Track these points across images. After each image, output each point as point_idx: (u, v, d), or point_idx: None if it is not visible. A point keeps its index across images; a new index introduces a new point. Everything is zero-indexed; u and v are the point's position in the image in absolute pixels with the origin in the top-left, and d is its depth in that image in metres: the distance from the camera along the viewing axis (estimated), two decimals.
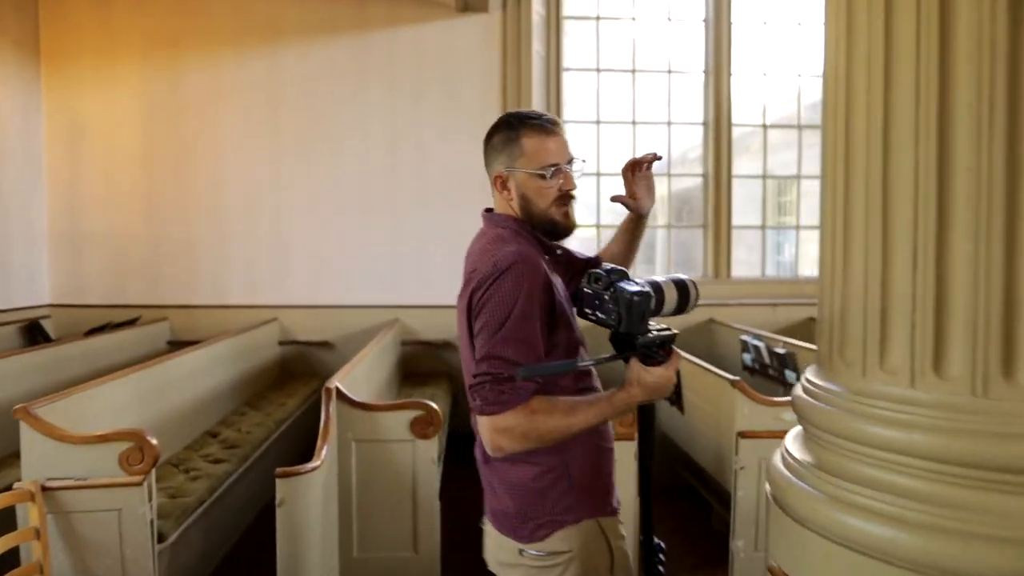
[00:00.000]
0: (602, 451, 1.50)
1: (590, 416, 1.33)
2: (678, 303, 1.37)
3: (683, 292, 1.38)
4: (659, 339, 1.30)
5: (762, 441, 3.09)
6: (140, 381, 3.47)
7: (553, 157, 1.45)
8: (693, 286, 1.39)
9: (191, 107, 5.55)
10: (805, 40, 6.28)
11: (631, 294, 1.27)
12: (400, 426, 2.99)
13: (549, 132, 1.45)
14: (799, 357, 4.41)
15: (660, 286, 1.35)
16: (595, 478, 1.47)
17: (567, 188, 1.47)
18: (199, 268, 5.63)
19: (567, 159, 1.47)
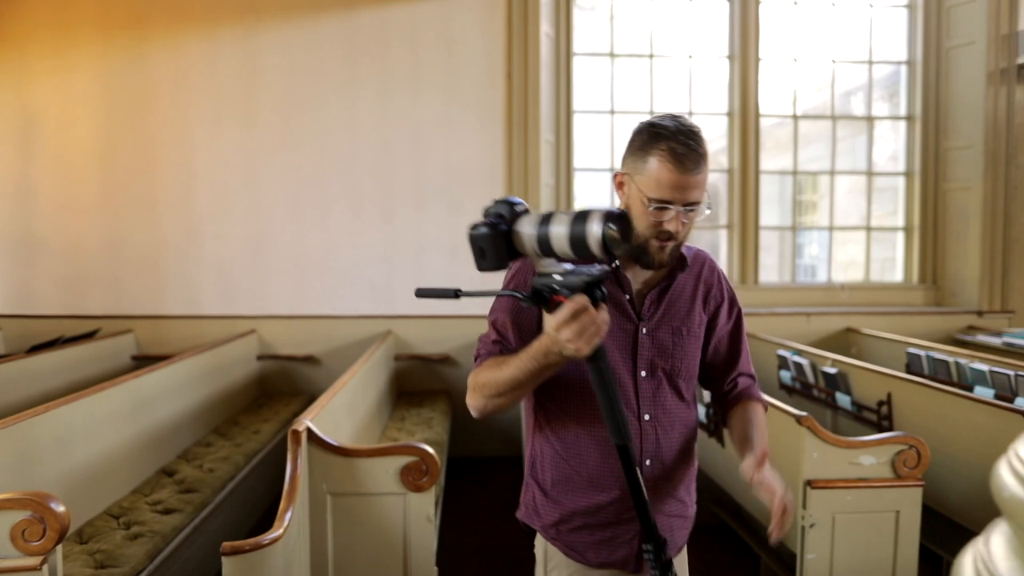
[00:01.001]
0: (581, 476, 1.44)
1: (514, 365, 1.27)
2: (572, 238, 1.06)
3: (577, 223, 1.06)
4: (545, 282, 1.13)
5: (836, 492, 2.51)
6: (84, 409, 2.89)
7: (666, 194, 1.30)
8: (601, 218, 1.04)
9: (156, 94, 4.95)
10: (840, 22, 5.70)
11: (470, 229, 1.15)
12: (387, 476, 2.39)
13: (680, 166, 1.29)
14: (852, 377, 3.82)
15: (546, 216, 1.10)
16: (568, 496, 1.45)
17: (669, 228, 1.33)
18: (167, 274, 5.03)
19: (685, 202, 1.31)
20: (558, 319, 1.11)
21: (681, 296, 1.47)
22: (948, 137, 5.59)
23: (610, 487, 1.41)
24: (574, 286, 1.10)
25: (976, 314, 5.40)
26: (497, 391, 1.31)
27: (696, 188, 1.30)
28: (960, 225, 5.55)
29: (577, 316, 1.10)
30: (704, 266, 1.51)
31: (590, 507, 1.42)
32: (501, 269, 1.17)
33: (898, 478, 2.52)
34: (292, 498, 2.13)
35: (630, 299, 1.43)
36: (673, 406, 1.46)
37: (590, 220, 1.04)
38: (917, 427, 3.23)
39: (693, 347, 1.48)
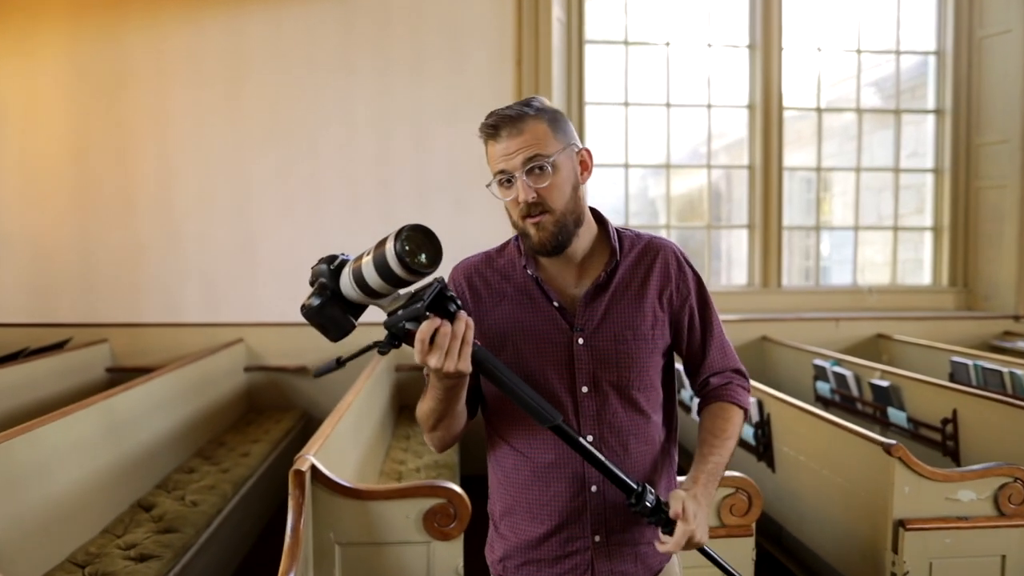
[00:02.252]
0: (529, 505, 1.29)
1: (428, 395, 1.19)
2: (377, 266, 1.00)
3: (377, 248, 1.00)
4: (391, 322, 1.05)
5: (933, 533, 2.15)
6: (46, 438, 2.49)
7: (500, 165, 1.21)
8: (395, 236, 0.99)
9: (133, 82, 4.51)
10: (866, 10, 5.38)
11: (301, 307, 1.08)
12: (408, 521, 2.00)
13: (496, 134, 1.21)
14: (907, 391, 3.48)
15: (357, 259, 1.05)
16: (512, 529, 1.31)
17: (520, 197, 1.20)
18: (145, 279, 4.60)
19: (520, 163, 1.18)
20: (417, 354, 1.04)
21: (626, 292, 1.28)
22: (981, 132, 5.29)
23: (548, 517, 1.27)
24: (416, 315, 1.03)
25: (1013, 319, 5.09)
26: (428, 425, 1.24)
27: (525, 147, 1.18)
28: (994, 225, 5.24)
29: (434, 340, 1.03)
30: (659, 256, 1.31)
31: (531, 540, 1.29)
32: (347, 334, 1.09)
33: (1002, 516, 2.17)
34: (295, 555, 1.74)
35: (559, 307, 1.26)
36: (625, 423, 1.27)
37: (387, 242, 0.98)
38: (992, 452, 2.88)
39: (644, 351, 1.28)
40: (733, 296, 5.24)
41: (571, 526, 1.27)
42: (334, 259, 1.09)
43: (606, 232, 1.31)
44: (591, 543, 1.26)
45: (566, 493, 1.26)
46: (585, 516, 1.26)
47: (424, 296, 1.03)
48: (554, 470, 1.26)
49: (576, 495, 1.26)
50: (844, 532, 2.48)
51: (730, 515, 2.08)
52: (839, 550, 2.51)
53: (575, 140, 1.25)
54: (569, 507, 1.26)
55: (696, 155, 5.46)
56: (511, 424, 1.29)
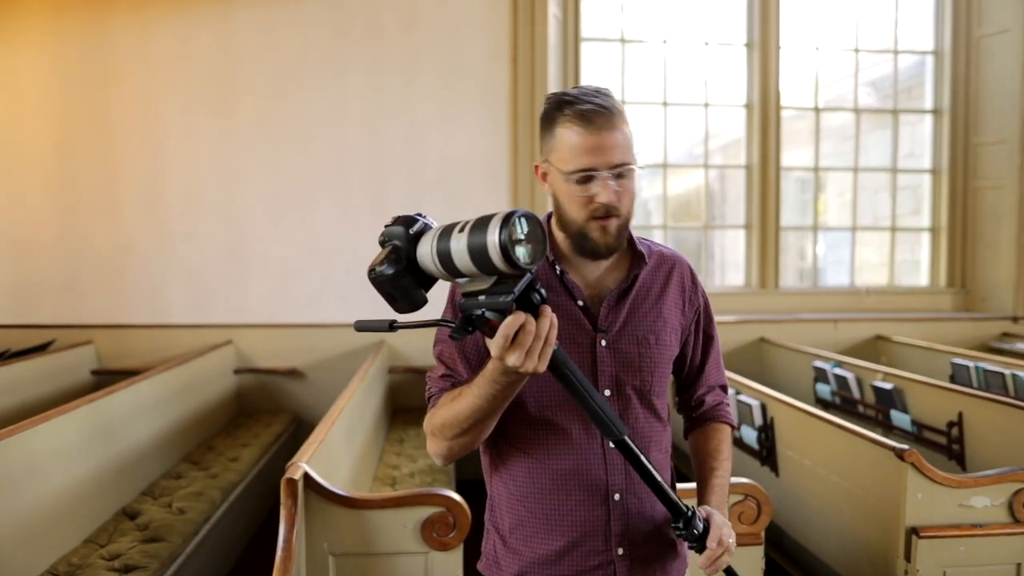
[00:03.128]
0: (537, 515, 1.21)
1: (471, 393, 1.08)
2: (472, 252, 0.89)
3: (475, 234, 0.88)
4: (471, 304, 0.94)
5: (947, 541, 2.08)
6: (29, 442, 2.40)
7: (586, 159, 1.12)
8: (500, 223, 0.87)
9: (119, 76, 4.40)
10: (864, 8, 5.34)
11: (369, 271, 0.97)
12: (405, 531, 1.92)
13: (590, 124, 1.11)
14: (910, 393, 3.42)
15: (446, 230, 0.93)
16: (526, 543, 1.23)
17: (601, 200, 1.13)
18: (131, 279, 4.49)
19: (609, 165, 1.12)
20: (496, 348, 0.95)
21: (646, 299, 1.26)
22: (979, 132, 5.26)
23: (570, 529, 1.20)
24: (502, 307, 0.93)
25: (1011, 320, 5.06)
26: (460, 428, 1.13)
27: (617, 147, 1.12)
28: (991, 226, 5.21)
29: (517, 337, 0.94)
30: (675, 267, 1.31)
31: (550, 555, 1.21)
32: (418, 308, 0.99)
33: (1017, 523, 2.11)
34: (288, 568, 1.66)
35: (583, 307, 1.22)
36: (646, 428, 1.24)
37: (489, 227, 0.88)
38: (998, 455, 2.83)
39: (664, 358, 1.26)
40: (730, 297, 5.18)
41: (593, 538, 1.20)
42: (412, 222, 0.99)
43: (629, 238, 1.27)
44: (614, 556, 1.20)
45: (588, 502, 1.20)
46: (608, 527, 1.20)
47: (514, 288, 0.92)
48: (574, 478, 1.20)
49: (599, 504, 1.20)
50: (852, 539, 2.41)
51: (739, 523, 2.01)
52: (847, 557, 2.44)
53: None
54: (591, 517, 1.20)
55: (691, 155, 5.40)
56: (528, 431, 1.21)
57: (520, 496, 1.24)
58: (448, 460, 1.21)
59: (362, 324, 1.02)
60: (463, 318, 0.96)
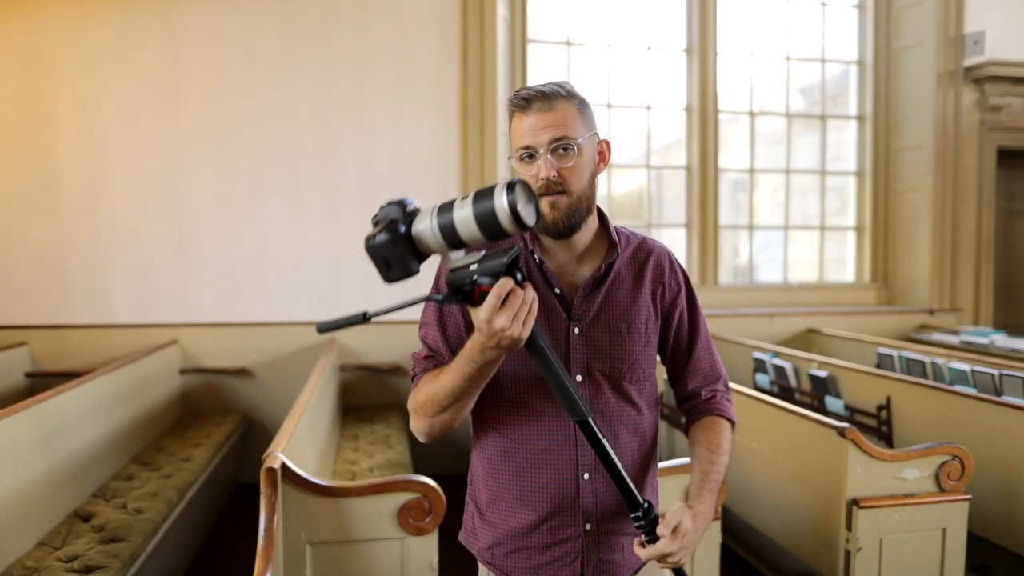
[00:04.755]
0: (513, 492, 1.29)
1: (450, 371, 1.16)
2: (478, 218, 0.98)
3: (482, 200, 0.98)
4: (462, 276, 1.03)
5: (883, 511, 2.27)
6: None
7: (526, 140, 1.21)
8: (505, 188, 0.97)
9: (55, 69, 4.25)
10: (794, 19, 5.64)
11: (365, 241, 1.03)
12: (382, 518, 1.97)
13: (527, 107, 1.22)
14: (843, 380, 3.66)
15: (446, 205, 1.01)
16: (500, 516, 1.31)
17: (540, 173, 1.20)
18: (70, 278, 4.34)
19: (547, 141, 1.20)
20: (487, 308, 1.01)
21: (620, 288, 1.30)
22: (898, 138, 5.62)
23: (541, 505, 1.27)
24: (495, 270, 1.01)
25: (928, 312, 5.43)
26: (440, 406, 1.19)
27: (552, 126, 1.19)
28: (910, 225, 5.58)
29: (507, 300, 1.01)
30: (652, 256, 1.34)
31: (521, 528, 1.28)
32: (409, 276, 1.04)
33: (943, 492, 2.32)
34: (270, 555, 1.68)
35: (559, 294, 1.27)
36: (617, 411, 1.28)
37: (495, 194, 0.97)
38: (921, 434, 3.07)
39: (638, 345, 1.30)
40: None
41: (563, 514, 1.27)
42: (406, 204, 1.05)
43: (605, 227, 1.32)
44: (582, 531, 1.27)
45: (559, 480, 1.26)
46: (577, 504, 1.27)
47: (505, 256, 1.01)
48: (547, 456, 1.26)
49: (569, 482, 1.26)
50: (798, 515, 2.59)
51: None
52: (793, 533, 2.62)
53: (597, 130, 1.28)
54: (561, 494, 1.26)
55: (632, 157, 5.57)
56: (503, 411, 1.28)
57: (495, 472, 1.30)
58: (430, 438, 1.26)
59: (327, 324, 1.07)
60: (453, 288, 1.04)
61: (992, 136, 5.48)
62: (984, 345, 4.62)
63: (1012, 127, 5.49)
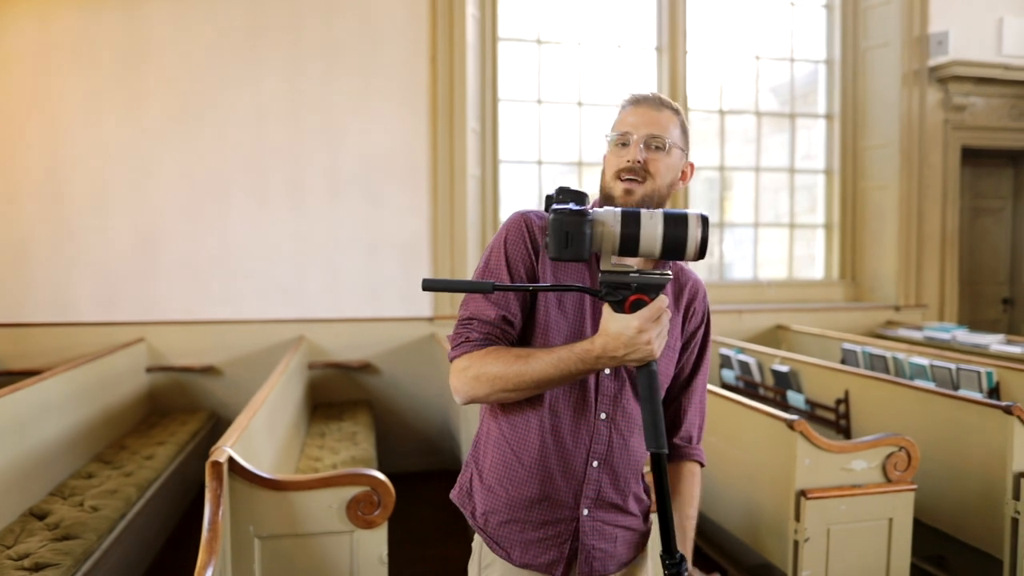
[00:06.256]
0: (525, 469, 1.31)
1: (548, 362, 1.17)
2: (666, 239, 1.07)
3: (676, 225, 1.07)
4: (621, 280, 1.09)
5: (830, 502, 2.30)
6: None
7: (626, 125, 1.29)
8: (700, 222, 1.08)
9: (14, 62, 4.20)
10: (764, 19, 5.69)
11: (555, 210, 1.07)
12: (331, 511, 1.97)
13: (638, 103, 1.30)
14: (804, 375, 3.71)
15: (633, 214, 1.08)
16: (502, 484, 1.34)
17: (629, 158, 1.26)
18: (32, 275, 4.29)
19: (648, 133, 1.27)
20: (643, 317, 1.08)
21: None
22: (865, 136, 5.69)
23: (546, 481, 1.30)
24: (655, 286, 1.09)
25: (894, 309, 5.51)
26: (515, 387, 1.20)
27: (657, 124, 1.27)
28: (877, 223, 5.66)
29: (659, 317, 1.09)
30: (691, 282, 1.40)
31: (523, 500, 1.32)
32: (579, 260, 1.08)
33: (889, 483, 2.36)
34: (214, 548, 1.68)
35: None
36: (635, 411, 1.32)
37: (690, 224, 1.06)
38: (879, 426, 3.11)
39: (665, 359, 1.34)
40: None
41: (564, 494, 1.31)
42: (585, 195, 1.11)
43: None
44: (578, 515, 1.31)
45: (571, 462, 1.30)
46: (580, 489, 1.30)
47: (668, 275, 1.09)
48: (564, 438, 1.29)
49: (579, 466, 1.30)
50: (751, 506, 2.62)
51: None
52: (747, 524, 2.65)
53: (688, 154, 1.36)
54: (568, 476, 1.30)
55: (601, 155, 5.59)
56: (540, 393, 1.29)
57: (512, 440, 1.32)
58: (473, 402, 1.27)
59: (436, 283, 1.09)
60: (612, 286, 1.09)
61: (956, 135, 5.57)
62: (946, 340, 4.70)
63: (975, 126, 5.58)
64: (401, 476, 4.40)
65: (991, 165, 6.01)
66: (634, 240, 1.06)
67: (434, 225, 4.68)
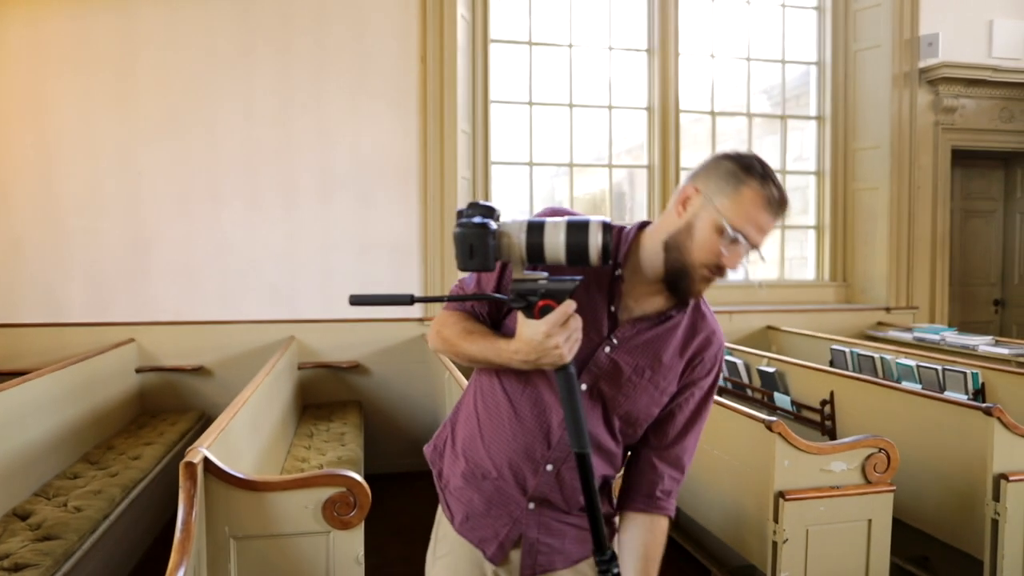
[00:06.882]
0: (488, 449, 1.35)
1: (479, 347, 1.24)
2: (569, 247, 1.09)
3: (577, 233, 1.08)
4: (530, 287, 1.11)
5: (809, 503, 2.31)
6: None
7: (749, 229, 1.20)
8: (601, 228, 1.08)
9: (7, 63, 4.21)
10: (755, 21, 5.70)
11: (458, 224, 1.10)
12: (307, 512, 1.97)
13: (772, 208, 1.21)
14: (791, 376, 3.71)
15: (538, 224, 1.11)
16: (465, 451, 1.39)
17: (727, 264, 1.22)
18: (24, 275, 4.30)
19: (759, 245, 1.23)
20: (550, 323, 1.10)
21: (667, 342, 1.30)
22: (856, 138, 5.70)
23: (502, 468, 1.33)
24: (562, 291, 1.11)
25: (885, 310, 5.51)
26: (456, 355, 1.30)
27: (768, 237, 1.24)
28: (869, 224, 5.66)
29: (567, 321, 1.10)
30: (707, 331, 1.34)
31: (475, 472, 1.36)
32: (486, 270, 1.11)
33: (868, 484, 2.36)
34: (186, 549, 1.69)
35: (612, 312, 1.28)
36: (597, 431, 1.31)
37: (591, 232, 1.07)
38: (863, 427, 3.12)
39: (647, 394, 1.31)
40: None
41: (513, 487, 1.33)
42: (494, 209, 1.12)
43: None
44: (524, 507, 1.33)
45: (527, 459, 1.31)
46: (530, 483, 1.32)
47: (571, 282, 1.11)
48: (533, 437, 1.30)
49: (535, 465, 1.31)
50: (732, 507, 2.63)
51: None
52: (729, 525, 2.66)
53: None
54: (522, 470, 1.32)
55: (602, 157, 5.61)
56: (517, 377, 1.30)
57: (483, 419, 1.35)
58: (435, 352, 1.39)
59: (362, 297, 1.10)
60: (518, 294, 1.12)
61: (947, 137, 5.57)
62: (936, 342, 4.70)
63: (966, 128, 5.59)
64: (391, 476, 4.44)
65: (982, 167, 6.02)
66: (539, 248, 1.09)
67: (424, 226, 4.69)
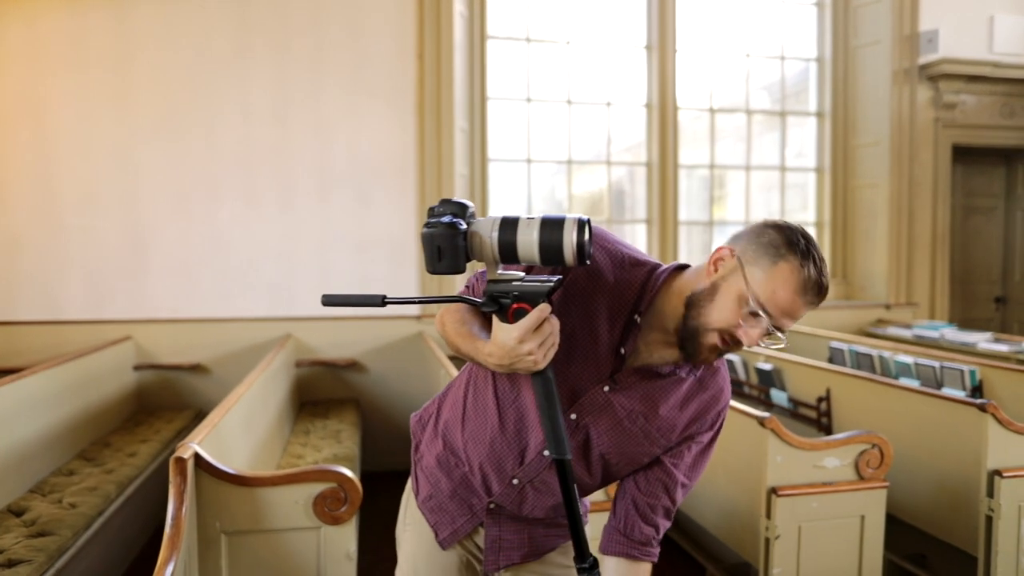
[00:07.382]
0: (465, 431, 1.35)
1: (465, 344, 1.20)
2: (543, 245, 1.03)
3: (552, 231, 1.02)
4: (503, 289, 1.06)
5: (801, 499, 2.30)
6: None
7: (775, 309, 1.13)
8: (576, 226, 1.02)
9: (5, 64, 4.22)
10: (754, 17, 5.68)
11: (426, 224, 1.04)
12: (297, 507, 1.98)
13: (803, 293, 1.13)
14: (788, 373, 3.71)
15: (511, 221, 1.05)
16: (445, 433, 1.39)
17: (743, 339, 1.15)
18: (22, 273, 4.31)
19: (782, 328, 1.15)
20: (522, 328, 1.04)
21: (668, 393, 1.26)
22: (856, 134, 5.68)
23: (472, 460, 1.33)
24: (536, 294, 1.05)
25: (884, 307, 5.50)
26: (450, 347, 1.27)
27: (794, 321, 1.17)
28: (868, 221, 5.65)
29: (541, 326, 1.05)
30: (711, 393, 1.30)
31: (449, 459, 1.37)
32: (456, 272, 1.05)
33: (861, 480, 2.36)
34: (176, 544, 1.68)
35: (621, 355, 1.22)
36: (575, 462, 1.28)
37: (565, 229, 1.01)
38: (860, 425, 3.11)
39: (634, 442, 1.27)
40: None
41: (481, 482, 1.34)
42: (466, 206, 1.06)
43: None
44: (484, 504, 1.35)
45: (497, 467, 1.31)
46: (495, 488, 1.33)
47: (547, 284, 1.05)
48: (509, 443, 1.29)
49: (503, 474, 1.31)
50: (727, 504, 2.62)
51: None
52: (723, 521, 2.65)
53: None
54: (491, 472, 1.32)
55: (601, 154, 5.60)
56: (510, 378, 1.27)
57: (470, 412, 1.35)
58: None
59: (335, 298, 1.06)
60: (491, 297, 1.06)
61: (947, 133, 5.55)
62: (935, 339, 4.69)
63: (966, 124, 5.57)
64: (387, 474, 4.43)
65: (982, 163, 6.00)
66: (511, 247, 1.04)
67: (421, 224, 4.68)
